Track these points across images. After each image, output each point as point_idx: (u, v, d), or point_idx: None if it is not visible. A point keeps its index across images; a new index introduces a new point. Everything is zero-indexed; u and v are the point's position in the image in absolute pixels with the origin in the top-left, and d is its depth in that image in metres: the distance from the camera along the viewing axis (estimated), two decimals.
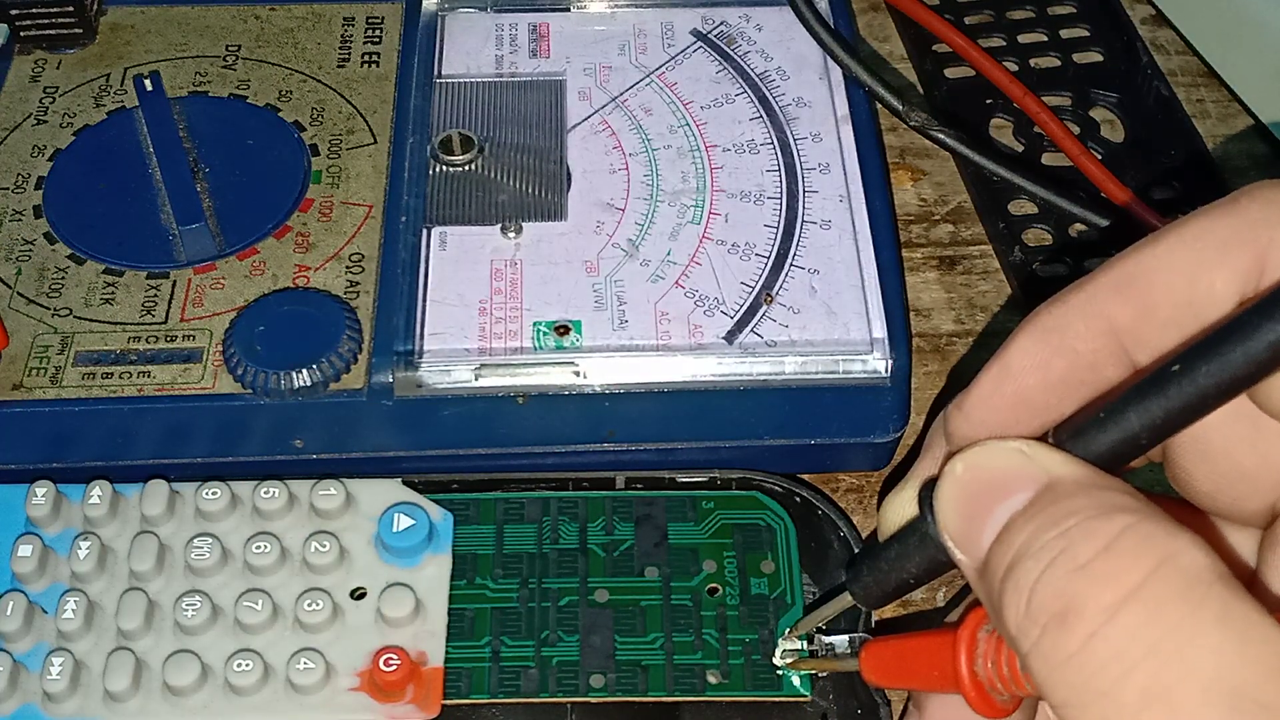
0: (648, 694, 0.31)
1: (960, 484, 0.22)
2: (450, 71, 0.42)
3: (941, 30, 0.47)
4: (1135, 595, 0.18)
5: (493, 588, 0.33)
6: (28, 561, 0.32)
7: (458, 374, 0.35)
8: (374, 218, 0.38)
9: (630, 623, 0.33)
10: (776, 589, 0.33)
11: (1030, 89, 0.45)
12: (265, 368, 0.34)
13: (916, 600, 0.35)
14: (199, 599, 0.32)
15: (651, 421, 0.35)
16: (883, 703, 0.31)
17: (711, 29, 0.43)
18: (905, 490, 0.25)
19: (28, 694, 0.31)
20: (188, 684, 0.31)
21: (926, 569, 0.24)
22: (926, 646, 0.25)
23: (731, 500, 0.35)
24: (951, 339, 0.41)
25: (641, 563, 0.34)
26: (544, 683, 0.32)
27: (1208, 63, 0.48)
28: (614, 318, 0.36)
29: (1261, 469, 0.23)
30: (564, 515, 0.34)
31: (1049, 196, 0.41)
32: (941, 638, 0.24)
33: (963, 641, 0.23)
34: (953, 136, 0.41)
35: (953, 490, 0.22)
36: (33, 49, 0.42)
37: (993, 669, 0.23)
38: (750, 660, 0.32)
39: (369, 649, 0.32)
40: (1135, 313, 0.22)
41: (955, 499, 0.22)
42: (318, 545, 0.33)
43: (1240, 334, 0.19)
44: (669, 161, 0.39)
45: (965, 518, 0.21)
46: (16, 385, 0.34)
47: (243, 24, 0.43)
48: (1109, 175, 0.42)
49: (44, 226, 0.38)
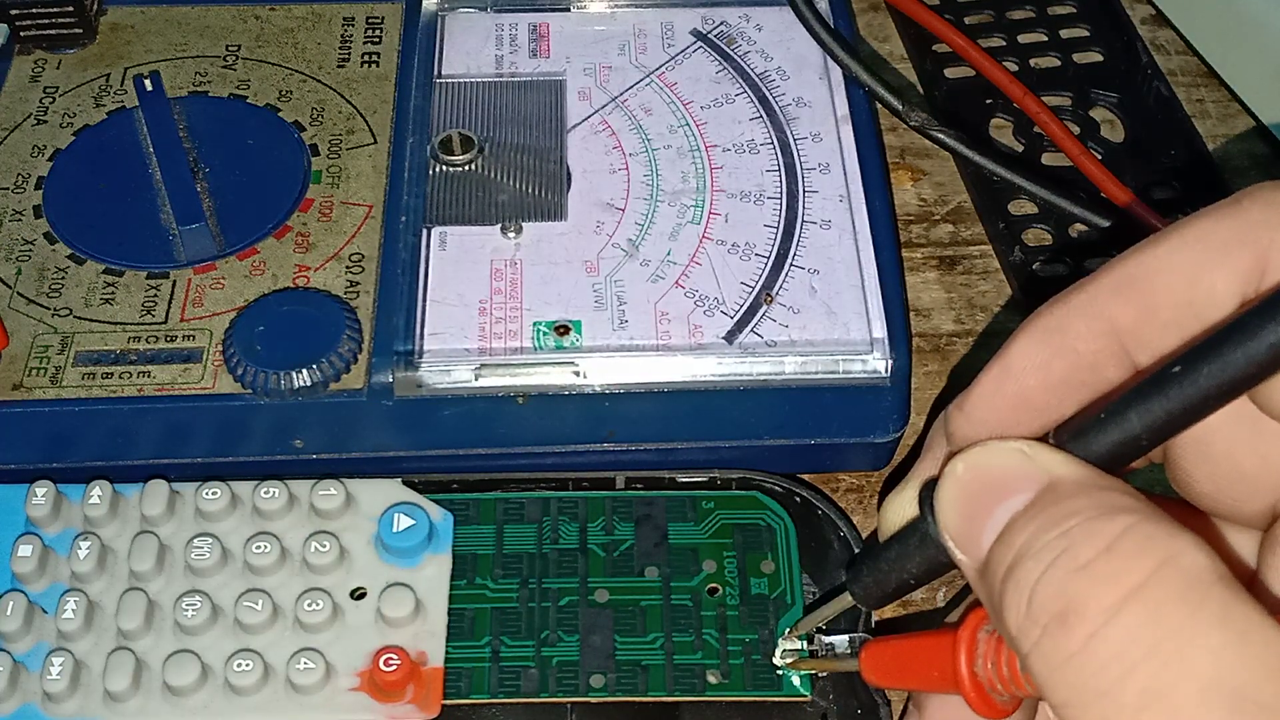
0: (648, 694, 0.31)
1: (961, 484, 0.22)
2: (450, 71, 0.42)
3: (941, 30, 0.47)
4: (1136, 596, 0.18)
5: (493, 588, 0.33)
6: (28, 561, 0.32)
7: (458, 374, 0.35)
8: (374, 218, 0.38)
9: (630, 623, 0.33)
10: (776, 589, 0.33)
11: (1030, 89, 0.45)
12: (265, 368, 0.34)
13: (916, 600, 0.35)
14: (199, 599, 0.32)
15: (651, 421, 0.35)
16: (882, 703, 0.31)
17: (711, 29, 0.43)
18: (905, 491, 0.25)
19: (28, 694, 0.31)
20: (188, 684, 0.31)
21: (926, 569, 0.24)
22: (926, 647, 0.25)
23: (731, 500, 0.35)
24: (951, 339, 0.41)
25: (641, 563, 0.34)
26: (544, 683, 0.32)
27: (1208, 63, 0.48)
28: (614, 318, 0.36)
29: (1262, 470, 0.23)
30: (564, 515, 0.34)
31: (1049, 196, 0.41)
32: (941, 638, 0.24)
33: (963, 642, 0.23)
34: (953, 136, 0.41)
35: (953, 490, 0.22)
36: (33, 49, 0.42)
37: (992, 669, 0.23)
38: (750, 660, 0.32)
39: (369, 649, 0.32)
40: (1136, 313, 0.22)
41: (956, 499, 0.22)
42: (318, 545, 0.33)
43: (1241, 335, 0.19)
44: (669, 161, 0.39)
45: (966, 518, 0.21)
46: (16, 385, 0.34)
47: (243, 24, 0.43)
48: (1109, 175, 0.42)
49: (44, 226, 0.38)
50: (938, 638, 0.24)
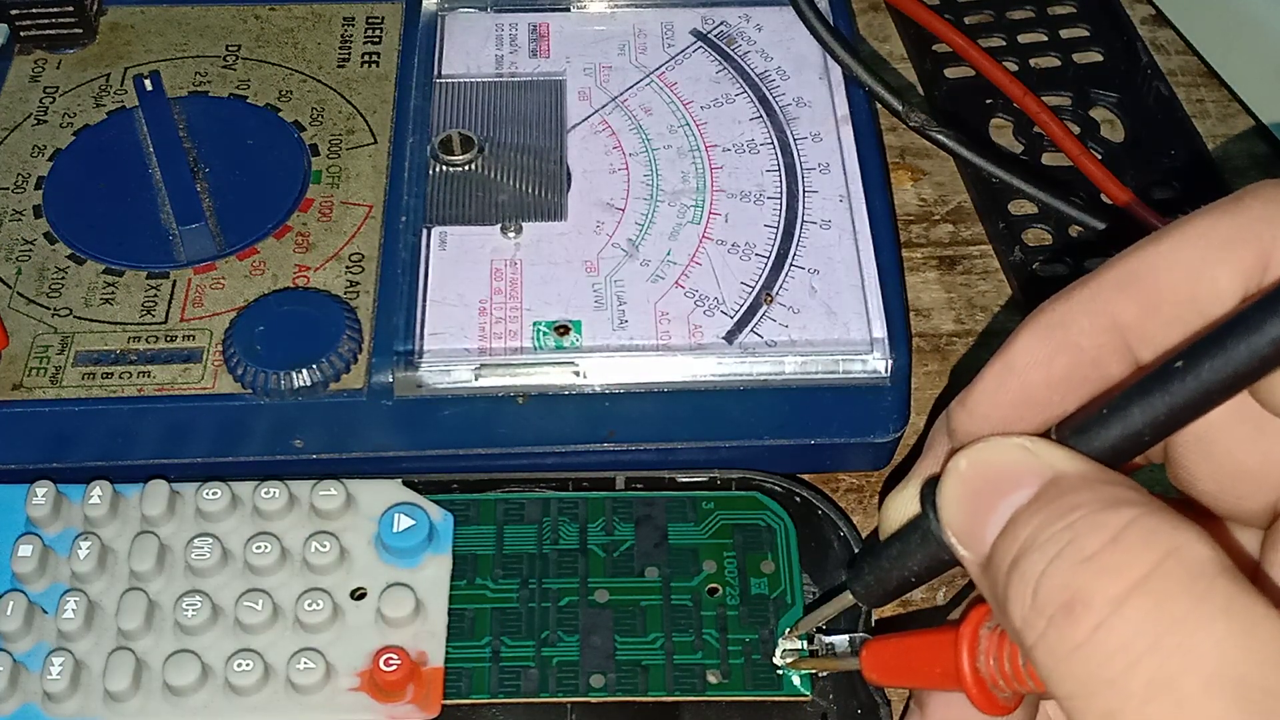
0: (648, 694, 0.31)
1: (964, 480, 0.22)
2: (450, 71, 0.42)
3: (941, 30, 0.47)
4: (1141, 587, 0.18)
5: (493, 588, 0.33)
6: (28, 561, 0.32)
7: (458, 374, 0.35)
8: (374, 218, 0.38)
9: (630, 623, 0.33)
10: (776, 589, 0.33)
11: (1030, 89, 0.45)
12: (265, 368, 0.34)
13: (916, 600, 0.35)
14: (199, 599, 0.32)
15: (651, 421, 0.35)
16: (882, 702, 0.31)
17: (711, 29, 0.43)
18: (907, 489, 0.25)
19: (28, 694, 0.31)
20: (188, 684, 0.30)
21: (928, 567, 0.24)
22: (928, 644, 0.25)
23: (731, 500, 0.35)
24: (951, 339, 0.41)
25: (641, 563, 0.34)
26: (544, 682, 0.32)
27: (1208, 63, 0.48)
28: (614, 318, 0.36)
29: (1264, 468, 0.23)
30: (564, 516, 0.34)
31: (1047, 199, 0.41)
32: (943, 635, 0.24)
33: (965, 638, 0.23)
34: (951, 137, 0.41)
35: (956, 486, 0.22)
36: (33, 49, 0.42)
37: (995, 666, 0.23)
38: (750, 660, 0.32)
39: (369, 649, 0.31)
40: (1139, 309, 0.22)
41: (959, 495, 0.22)
42: (318, 545, 0.33)
43: (1243, 329, 0.19)
44: (669, 161, 0.39)
45: (969, 513, 0.21)
46: (16, 385, 0.34)
47: (243, 24, 0.43)
48: (1109, 175, 0.42)
49: (44, 226, 0.38)
50: (939, 635, 0.24)
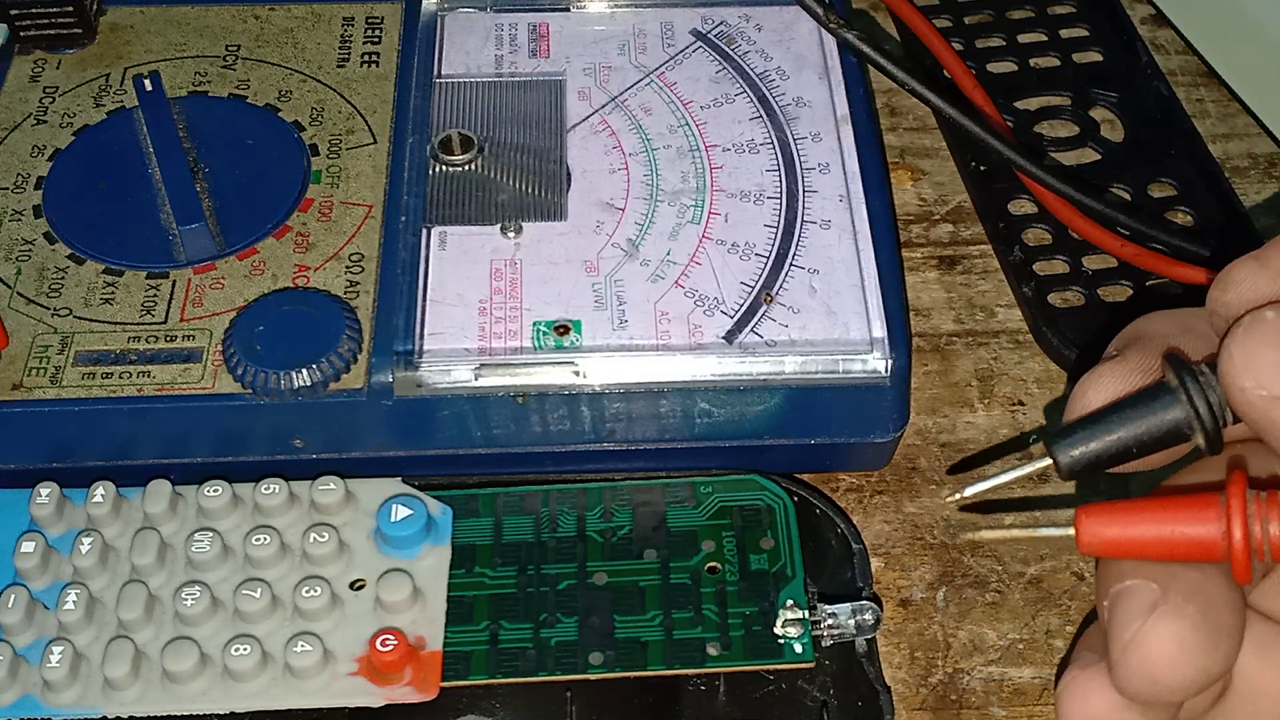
0: (647, 668, 0.31)
1: (1275, 328, 0.22)
2: (450, 71, 0.42)
3: (924, 33, 0.46)
4: None
5: (491, 575, 0.33)
6: (30, 558, 0.32)
7: (457, 374, 0.35)
8: (374, 218, 0.38)
9: (629, 602, 0.32)
10: (777, 563, 0.33)
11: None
12: (265, 368, 0.34)
13: (916, 600, 0.35)
14: (198, 589, 0.32)
15: (651, 421, 0.35)
16: (883, 690, 0.31)
17: (711, 29, 0.43)
18: (1116, 369, 0.25)
19: (27, 685, 0.31)
20: (186, 669, 0.31)
21: (1158, 438, 0.24)
22: (1175, 507, 0.24)
23: (729, 484, 0.35)
24: (951, 339, 0.41)
25: (640, 546, 0.34)
26: (542, 662, 0.31)
27: (1208, 63, 0.48)
28: (614, 317, 0.36)
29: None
30: (562, 505, 0.34)
31: (998, 144, 0.41)
32: (1195, 501, 0.23)
33: (1235, 497, 0.23)
34: (861, 39, 0.41)
35: (1265, 333, 0.22)
36: (33, 49, 0.42)
37: (1262, 533, 0.22)
38: (751, 631, 0.32)
39: (367, 635, 0.32)
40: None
41: (1273, 342, 0.22)
42: (316, 536, 0.33)
43: None
44: (669, 161, 0.39)
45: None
46: (16, 385, 0.34)
47: (242, 24, 0.43)
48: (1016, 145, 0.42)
49: (44, 226, 0.38)
50: (1190, 501, 0.23)
